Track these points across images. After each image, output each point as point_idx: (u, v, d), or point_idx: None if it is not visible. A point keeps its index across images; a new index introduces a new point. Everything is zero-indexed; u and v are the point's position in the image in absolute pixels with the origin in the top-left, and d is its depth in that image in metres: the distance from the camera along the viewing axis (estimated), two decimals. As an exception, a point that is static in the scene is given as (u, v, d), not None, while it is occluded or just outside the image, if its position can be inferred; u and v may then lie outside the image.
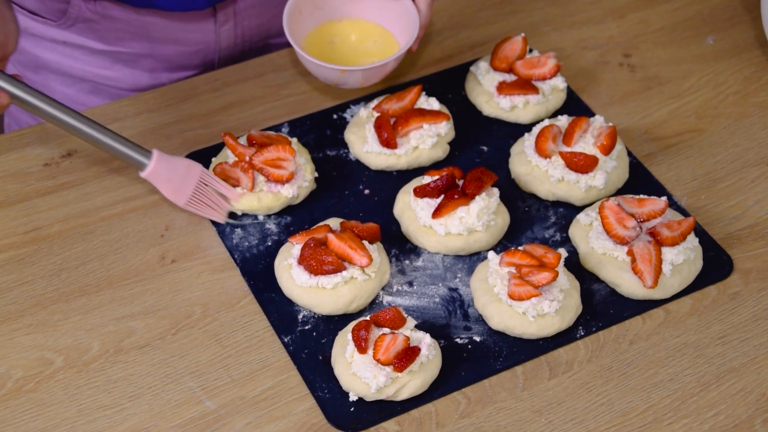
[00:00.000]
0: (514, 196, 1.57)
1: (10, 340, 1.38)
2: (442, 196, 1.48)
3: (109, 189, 1.55)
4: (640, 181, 1.58)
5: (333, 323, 1.41)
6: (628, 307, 1.44)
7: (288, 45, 1.78)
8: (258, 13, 1.73)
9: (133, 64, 1.74)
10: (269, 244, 1.50)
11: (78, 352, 1.37)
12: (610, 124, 1.56)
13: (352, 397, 1.33)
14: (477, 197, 1.47)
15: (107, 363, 1.36)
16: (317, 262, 1.40)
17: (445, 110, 1.62)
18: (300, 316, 1.42)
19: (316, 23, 1.63)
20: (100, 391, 1.34)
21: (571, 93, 1.70)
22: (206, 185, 1.49)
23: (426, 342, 1.35)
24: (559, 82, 1.66)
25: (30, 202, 1.53)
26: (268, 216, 1.53)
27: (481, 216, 1.47)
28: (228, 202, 1.51)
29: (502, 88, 1.65)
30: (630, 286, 1.43)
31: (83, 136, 1.41)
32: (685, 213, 1.53)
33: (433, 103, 1.61)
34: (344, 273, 1.40)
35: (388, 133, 1.56)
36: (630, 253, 1.43)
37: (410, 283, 1.46)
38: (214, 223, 1.51)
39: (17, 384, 1.34)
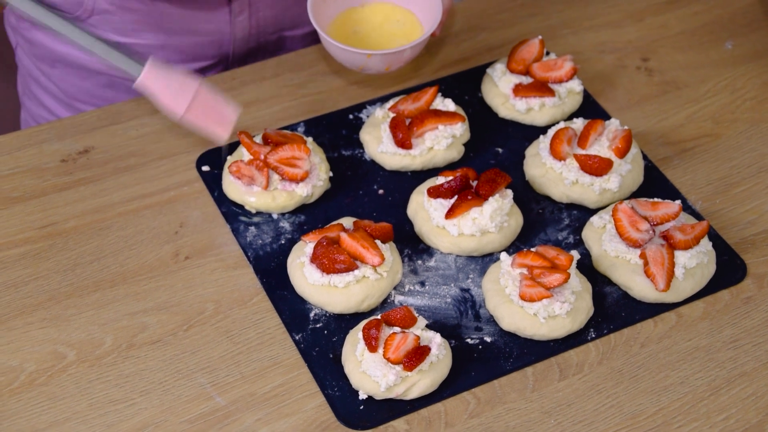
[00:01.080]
0: (528, 198, 1.57)
1: (24, 333, 1.39)
2: (456, 197, 1.48)
3: (125, 185, 1.56)
4: (655, 184, 1.58)
5: (344, 322, 1.42)
6: (640, 310, 1.43)
7: (302, 39, 1.79)
8: (273, 3, 1.74)
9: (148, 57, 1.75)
10: (282, 242, 1.50)
11: (91, 347, 1.38)
12: (626, 127, 1.56)
13: (362, 396, 1.34)
14: (490, 198, 1.47)
15: (119, 358, 1.37)
16: (329, 260, 1.40)
17: (461, 112, 1.62)
18: (312, 315, 1.42)
19: (339, 9, 1.64)
20: (112, 385, 1.35)
21: (587, 96, 1.70)
22: (206, 96, 1.43)
23: (436, 342, 1.35)
24: (576, 85, 1.66)
25: (46, 198, 1.54)
26: (282, 214, 1.53)
27: (494, 217, 1.47)
28: (229, 119, 1.45)
29: (518, 90, 1.65)
30: (642, 289, 1.43)
31: (77, 42, 1.36)
32: (699, 217, 1.53)
33: (448, 105, 1.61)
34: (356, 272, 1.41)
35: (403, 133, 1.56)
36: (643, 256, 1.43)
37: (422, 283, 1.46)
38: (228, 220, 1.52)
39: (30, 377, 1.35)
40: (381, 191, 1.58)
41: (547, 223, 1.54)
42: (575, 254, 1.42)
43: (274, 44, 1.82)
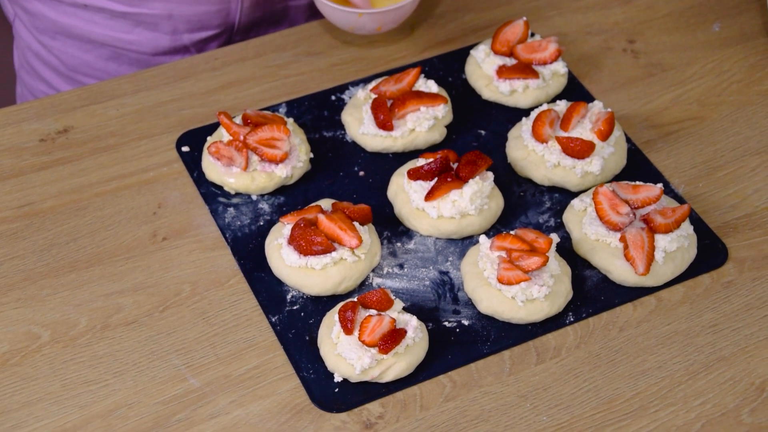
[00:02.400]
0: (510, 180, 1.56)
1: (-1, 313, 1.39)
2: (436, 179, 1.47)
3: (104, 165, 1.55)
4: (638, 168, 1.57)
5: (321, 304, 1.41)
6: (620, 294, 1.42)
7: (306, 9, 1.78)
8: None
9: (155, 27, 1.74)
10: (261, 223, 1.49)
11: (65, 327, 1.37)
12: (609, 109, 1.54)
13: (337, 378, 1.33)
14: (470, 181, 1.46)
15: (94, 339, 1.37)
16: (307, 242, 1.39)
17: (444, 93, 1.61)
18: (288, 297, 1.42)
19: None
20: (86, 366, 1.34)
21: (572, 78, 1.68)
22: None
23: (412, 324, 1.34)
24: (560, 67, 1.65)
25: (24, 177, 1.53)
26: (262, 196, 1.52)
27: (474, 200, 1.46)
28: None
29: (502, 71, 1.63)
30: (622, 272, 1.42)
31: None
32: (681, 201, 1.52)
33: (431, 86, 1.60)
34: (334, 254, 1.40)
35: (384, 115, 1.55)
36: (623, 239, 1.42)
37: (401, 266, 1.45)
38: (206, 201, 1.51)
39: (2, 357, 1.34)
40: (362, 173, 1.56)
41: (529, 206, 1.53)
42: (555, 237, 1.41)
43: (279, 14, 1.81)
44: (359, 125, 1.58)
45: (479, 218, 1.47)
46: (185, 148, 1.57)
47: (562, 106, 1.57)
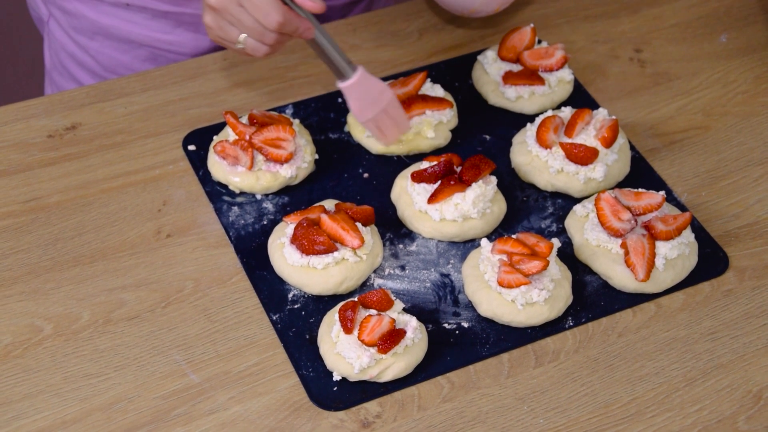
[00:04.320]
0: (514, 185, 1.56)
1: (2, 306, 1.39)
2: (439, 182, 1.47)
3: (110, 162, 1.56)
4: (641, 175, 1.57)
5: (323, 303, 1.42)
6: (620, 300, 1.43)
7: (340, 8, 1.79)
8: None
9: (196, 27, 1.74)
10: (265, 222, 1.50)
11: (68, 321, 1.38)
12: (613, 117, 1.55)
13: (336, 377, 1.34)
14: (473, 184, 1.47)
15: (96, 333, 1.38)
16: (309, 241, 1.40)
17: (449, 97, 1.62)
18: (290, 295, 1.42)
19: None
20: (87, 360, 1.35)
21: (578, 86, 1.69)
22: (391, 110, 1.51)
23: (412, 325, 1.35)
24: (566, 74, 1.66)
25: (31, 172, 1.54)
26: (266, 195, 1.53)
27: (476, 203, 1.47)
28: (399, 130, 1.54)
29: (508, 77, 1.64)
30: (622, 278, 1.42)
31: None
32: (684, 209, 1.52)
33: (437, 90, 1.61)
34: (335, 254, 1.41)
35: (389, 117, 1.56)
36: (624, 245, 1.42)
37: (402, 267, 1.46)
38: (211, 199, 1.52)
39: (5, 349, 1.35)
40: (366, 175, 1.57)
41: (531, 211, 1.54)
42: (556, 242, 1.42)
43: (318, 17, 1.81)
44: (364, 128, 1.59)
45: (481, 222, 1.48)
46: (191, 147, 1.58)
47: (567, 112, 1.57)
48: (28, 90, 2.54)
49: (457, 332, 1.40)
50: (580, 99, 1.67)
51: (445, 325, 1.40)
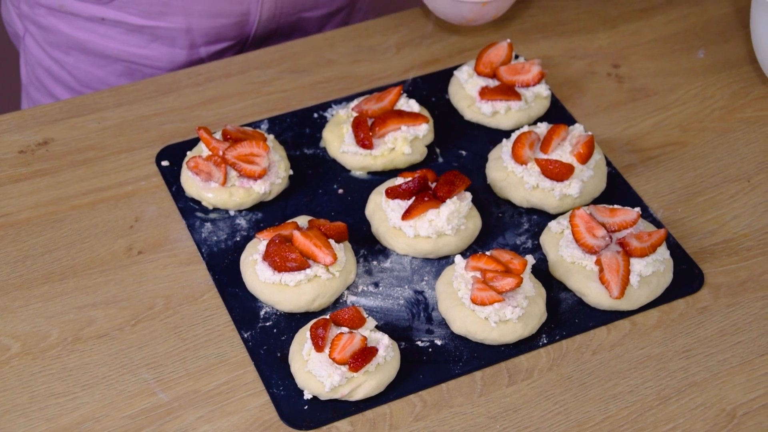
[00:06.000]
0: (489, 201, 1.55)
1: (-30, 324, 1.38)
2: (413, 198, 1.46)
3: (82, 178, 1.55)
4: (617, 191, 1.56)
5: (295, 321, 1.40)
6: (594, 317, 1.42)
7: (318, 20, 1.82)
8: None
9: (172, 42, 1.74)
10: (238, 239, 1.49)
11: (36, 339, 1.37)
12: (589, 133, 1.54)
13: (307, 396, 1.32)
14: (448, 201, 1.46)
15: (64, 351, 1.36)
16: (281, 258, 1.39)
17: (425, 113, 1.61)
18: (262, 313, 1.41)
19: None
20: (55, 378, 1.33)
21: (555, 101, 1.68)
22: None
23: (384, 343, 1.33)
24: (543, 90, 1.65)
25: (1, 189, 1.53)
26: (240, 211, 1.52)
27: (451, 219, 1.45)
28: None
29: (485, 93, 1.63)
30: (597, 296, 1.41)
31: None
32: (659, 225, 1.51)
33: (413, 105, 1.60)
34: (308, 271, 1.39)
35: (364, 133, 1.55)
36: (598, 262, 1.41)
37: (376, 284, 1.45)
38: (184, 216, 1.50)
39: (-28, 368, 1.34)
40: (341, 191, 1.56)
41: (506, 228, 1.53)
42: (530, 259, 1.41)
43: (292, 25, 1.81)
44: (340, 143, 1.58)
45: (456, 238, 1.47)
46: (165, 163, 1.57)
47: (543, 128, 1.57)
48: (4, 105, 2.52)
49: (430, 350, 1.38)
50: (557, 114, 1.66)
51: (418, 342, 1.39)
